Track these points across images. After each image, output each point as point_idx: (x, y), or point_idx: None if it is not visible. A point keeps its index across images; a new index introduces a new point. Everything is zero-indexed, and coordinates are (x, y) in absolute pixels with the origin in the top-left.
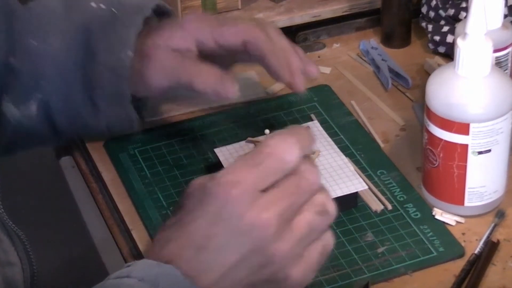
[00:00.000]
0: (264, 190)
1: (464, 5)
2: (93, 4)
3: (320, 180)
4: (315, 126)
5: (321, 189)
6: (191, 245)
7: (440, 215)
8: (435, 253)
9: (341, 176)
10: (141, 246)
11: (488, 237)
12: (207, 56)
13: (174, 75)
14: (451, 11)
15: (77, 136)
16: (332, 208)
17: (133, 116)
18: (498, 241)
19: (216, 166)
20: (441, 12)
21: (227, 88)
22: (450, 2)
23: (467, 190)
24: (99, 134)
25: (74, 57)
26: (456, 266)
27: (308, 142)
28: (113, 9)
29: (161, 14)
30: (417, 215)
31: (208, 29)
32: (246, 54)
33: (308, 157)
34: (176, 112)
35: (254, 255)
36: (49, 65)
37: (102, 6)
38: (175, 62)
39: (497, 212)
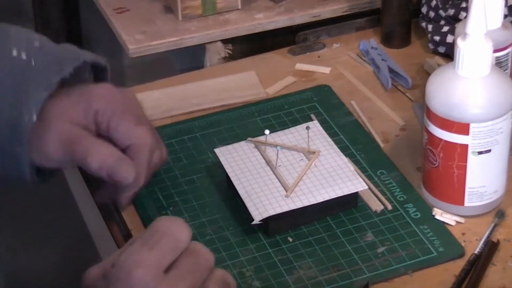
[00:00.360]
0: (166, 270)
1: (464, 5)
2: (14, 52)
3: (213, 257)
4: (315, 126)
5: (215, 266)
6: None
7: (440, 215)
8: (435, 253)
9: (341, 176)
10: None
11: (488, 237)
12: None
13: (69, 148)
14: (451, 11)
15: None
16: (233, 282)
17: (32, 177)
18: (498, 241)
19: (216, 166)
20: (441, 12)
21: (123, 171)
22: (450, 2)
23: (467, 190)
24: None
25: None
26: (456, 266)
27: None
28: (33, 61)
29: (97, 68)
30: (417, 215)
31: (108, 113)
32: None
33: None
34: (176, 112)
35: None
36: None
37: (23, 56)
38: (72, 136)
39: (497, 212)
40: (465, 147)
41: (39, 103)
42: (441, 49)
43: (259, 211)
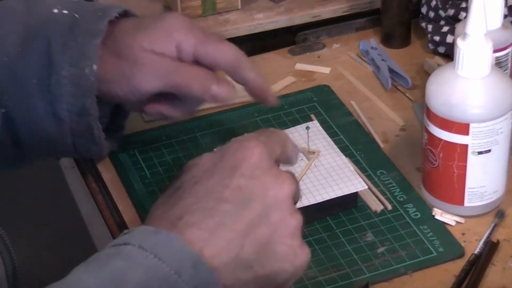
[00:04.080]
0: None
1: (464, 5)
2: (55, 10)
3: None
4: (315, 126)
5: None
6: (198, 208)
7: (440, 215)
8: (435, 253)
9: (341, 176)
10: None
11: (488, 237)
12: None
13: (169, 80)
14: (451, 11)
15: (45, 155)
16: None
17: (99, 133)
18: (498, 241)
19: None
20: (441, 12)
21: (224, 90)
22: (450, 2)
23: (467, 190)
24: (66, 151)
25: (34, 69)
26: (456, 266)
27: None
28: (76, 14)
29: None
30: (417, 215)
31: (193, 41)
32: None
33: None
34: None
35: (264, 224)
36: (8, 78)
37: (64, 11)
38: (168, 66)
39: (497, 212)
40: (465, 147)
41: (95, 52)
42: (441, 49)
43: None
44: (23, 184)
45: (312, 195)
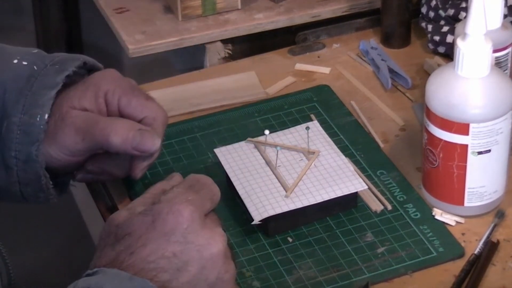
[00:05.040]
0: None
1: (464, 5)
2: (15, 60)
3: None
4: (315, 126)
5: None
6: (168, 268)
7: (440, 215)
8: (435, 253)
9: (341, 176)
10: None
11: (488, 237)
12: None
13: (88, 133)
14: (451, 11)
15: None
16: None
17: (47, 182)
18: (498, 241)
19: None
20: (441, 12)
21: (148, 140)
22: (450, 2)
23: (467, 190)
24: (13, 198)
25: None
26: (456, 266)
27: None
28: (34, 66)
29: (90, 69)
30: (417, 215)
31: (118, 91)
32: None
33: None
34: (176, 112)
35: (201, 285)
36: None
37: (24, 62)
38: (88, 121)
39: (497, 212)
40: (465, 147)
41: (48, 102)
42: (441, 49)
43: (259, 211)
44: None
45: (312, 195)
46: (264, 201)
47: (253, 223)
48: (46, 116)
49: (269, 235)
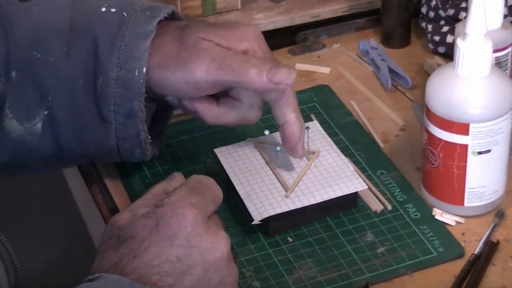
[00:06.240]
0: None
1: (464, 5)
2: (102, 8)
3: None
4: (315, 126)
5: None
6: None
7: (440, 215)
8: (435, 253)
9: (341, 176)
10: None
11: (488, 237)
12: None
13: (225, 65)
14: (451, 11)
15: (85, 158)
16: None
17: (145, 136)
18: (498, 241)
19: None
20: (441, 12)
21: (283, 71)
22: (450, 2)
23: (467, 190)
24: (109, 154)
25: (80, 68)
26: (456, 266)
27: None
28: (124, 13)
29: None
30: (417, 215)
31: (259, 53)
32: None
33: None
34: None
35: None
36: (53, 78)
37: (112, 9)
38: (225, 53)
39: (497, 212)
40: (465, 147)
41: (145, 54)
42: (441, 49)
43: (259, 211)
44: (23, 185)
45: (312, 195)
46: (264, 201)
47: (253, 223)
48: (144, 69)
49: (269, 235)
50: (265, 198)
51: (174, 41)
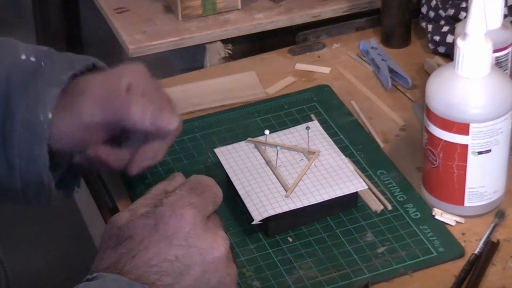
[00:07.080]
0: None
1: (464, 5)
2: (23, 56)
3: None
4: (315, 126)
5: None
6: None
7: (440, 215)
8: (435, 253)
9: (341, 176)
10: None
11: (488, 237)
12: None
13: (108, 105)
14: (451, 11)
15: None
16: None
17: (50, 183)
18: (498, 241)
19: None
20: (441, 12)
21: (166, 117)
22: (450, 2)
23: (467, 190)
24: (15, 197)
25: None
26: (456, 266)
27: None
28: (42, 63)
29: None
30: (417, 215)
31: (142, 84)
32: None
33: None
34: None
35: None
36: None
37: (32, 59)
38: (109, 92)
39: (497, 212)
40: (465, 147)
41: (52, 100)
42: (441, 49)
43: (259, 211)
44: None
45: (312, 195)
46: (264, 201)
47: (253, 223)
48: (50, 115)
49: (269, 235)
50: (265, 198)
51: (71, 90)
